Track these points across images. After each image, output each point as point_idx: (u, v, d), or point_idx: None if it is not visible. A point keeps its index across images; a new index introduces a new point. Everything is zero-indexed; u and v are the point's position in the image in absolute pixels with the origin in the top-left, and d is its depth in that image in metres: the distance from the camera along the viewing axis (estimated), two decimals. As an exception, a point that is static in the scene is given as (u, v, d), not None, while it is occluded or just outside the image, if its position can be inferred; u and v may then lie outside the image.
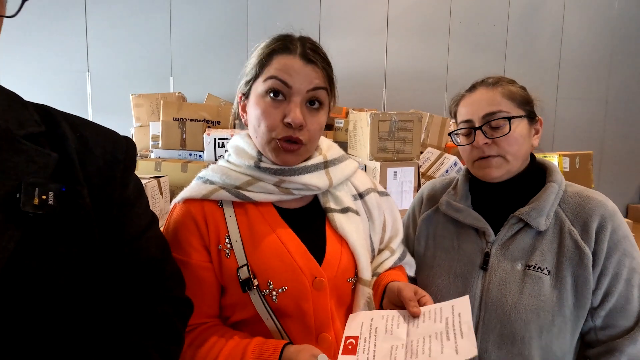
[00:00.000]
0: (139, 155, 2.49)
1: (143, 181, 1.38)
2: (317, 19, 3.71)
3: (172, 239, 0.66)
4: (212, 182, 0.69)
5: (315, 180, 0.68)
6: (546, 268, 0.72)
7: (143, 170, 1.76)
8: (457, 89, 0.86)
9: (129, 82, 3.54)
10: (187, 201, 0.69)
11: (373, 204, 0.77)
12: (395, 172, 1.75)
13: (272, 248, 0.65)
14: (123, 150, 0.55)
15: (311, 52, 0.66)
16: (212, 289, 0.67)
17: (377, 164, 1.74)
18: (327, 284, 0.66)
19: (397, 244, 0.80)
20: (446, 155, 2.05)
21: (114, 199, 0.52)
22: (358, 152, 1.92)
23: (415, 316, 0.63)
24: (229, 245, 0.65)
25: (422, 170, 2.00)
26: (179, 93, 2.79)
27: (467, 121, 0.79)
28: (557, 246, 0.73)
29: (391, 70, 4.22)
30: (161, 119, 2.09)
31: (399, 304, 0.69)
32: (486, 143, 0.75)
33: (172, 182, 1.65)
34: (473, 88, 0.81)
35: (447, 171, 1.97)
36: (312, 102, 0.66)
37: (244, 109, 0.72)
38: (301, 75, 0.64)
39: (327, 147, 0.75)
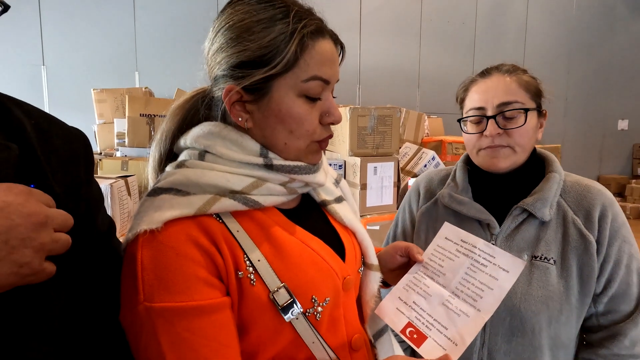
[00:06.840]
0: (103, 153, 2.34)
1: (109, 181, 1.27)
2: (289, 14, 3.65)
3: (166, 279, 0.46)
4: (194, 193, 0.51)
5: (322, 177, 0.60)
6: (552, 258, 0.72)
7: (108, 169, 1.64)
8: (429, 85, 0.83)
9: (90, 77, 3.33)
10: (174, 222, 0.48)
11: (347, 189, 0.73)
12: (376, 167, 1.72)
13: (303, 257, 0.54)
14: (81, 145, 0.50)
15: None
16: (236, 333, 0.51)
17: (357, 160, 1.71)
18: (352, 280, 0.60)
19: None
20: (424, 150, 2.05)
21: (81, 195, 0.48)
22: (337, 147, 1.88)
23: (420, 262, 0.67)
24: (251, 269, 0.50)
25: (400, 165, 1.99)
26: (145, 88, 2.64)
27: (478, 108, 0.76)
28: (562, 236, 0.73)
29: (365, 67, 4.20)
30: (127, 115, 1.96)
31: (393, 266, 0.70)
32: (498, 133, 0.73)
33: (141, 182, 1.54)
34: (487, 73, 0.78)
35: (425, 165, 1.97)
36: None
37: (242, 108, 0.53)
38: (336, 67, 0.54)
39: None
